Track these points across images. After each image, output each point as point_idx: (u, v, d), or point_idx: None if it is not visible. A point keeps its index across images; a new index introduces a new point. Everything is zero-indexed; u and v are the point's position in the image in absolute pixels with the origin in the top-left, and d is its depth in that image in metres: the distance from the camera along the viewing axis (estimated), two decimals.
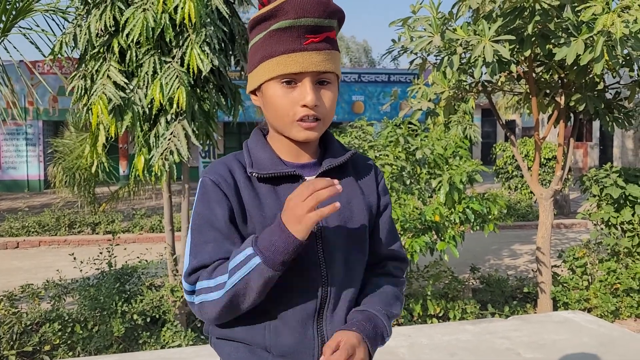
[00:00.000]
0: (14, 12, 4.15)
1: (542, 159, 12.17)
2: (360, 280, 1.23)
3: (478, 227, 4.31)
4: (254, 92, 1.20)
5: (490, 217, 4.31)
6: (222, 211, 1.13)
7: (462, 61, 4.23)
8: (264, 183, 1.16)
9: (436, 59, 4.65)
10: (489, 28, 3.66)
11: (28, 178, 16.21)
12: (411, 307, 4.63)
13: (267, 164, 1.17)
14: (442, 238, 4.19)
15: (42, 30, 4.40)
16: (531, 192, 12.09)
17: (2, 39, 4.22)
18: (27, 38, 4.37)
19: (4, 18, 4.08)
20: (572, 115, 5.01)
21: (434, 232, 4.25)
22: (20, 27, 4.35)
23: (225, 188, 1.14)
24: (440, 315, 4.79)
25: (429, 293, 4.72)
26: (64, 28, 4.63)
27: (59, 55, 4.18)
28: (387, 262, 1.31)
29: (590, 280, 5.42)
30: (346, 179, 1.23)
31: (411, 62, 4.66)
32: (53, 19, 4.57)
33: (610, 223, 5.38)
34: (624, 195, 5.22)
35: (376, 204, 1.28)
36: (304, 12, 1.07)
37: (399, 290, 1.29)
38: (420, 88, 4.68)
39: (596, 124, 18.81)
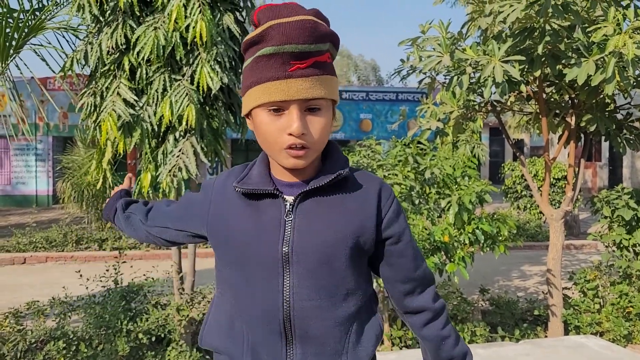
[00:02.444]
0: (26, 30, 4.19)
1: (552, 179, 12.09)
2: (345, 307, 1.16)
3: (488, 249, 4.25)
4: (247, 116, 1.18)
5: (500, 238, 4.26)
6: (188, 203, 1.35)
7: (472, 81, 4.22)
8: (246, 198, 1.18)
9: (445, 79, 4.65)
10: (499, 48, 3.65)
11: (37, 193, 16.29)
12: None
13: (254, 180, 1.17)
14: (452, 259, 4.13)
15: (54, 47, 4.44)
16: (540, 212, 11.99)
17: (14, 55, 4.26)
18: (38, 55, 4.41)
19: (16, 35, 4.12)
20: (582, 135, 4.97)
21: (443, 253, 4.19)
22: (31, 44, 4.39)
23: (201, 198, 1.29)
24: None
25: None
26: (74, 46, 4.67)
27: (70, 72, 4.20)
28: (422, 292, 1.26)
29: (602, 304, 5.32)
30: (336, 199, 1.16)
31: (420, 82, 4.66)
32: (64, 37, 4.61)
33: (622, 245, 5.31)
34: (636, 217, 5.16)
35: (373, 229, 1.18)
36: (288, 39, 1.04)
37: (450, 324, 1.29)
38: (429, 107, 4.66)
39: (605, 144, 18.74)
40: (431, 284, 1.29)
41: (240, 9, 4.49)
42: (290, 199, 1.15)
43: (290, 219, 1.14)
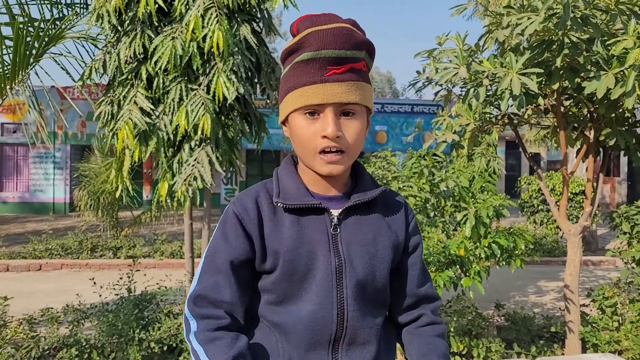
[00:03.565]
0: (46, 39, 4.25)
1: (569, 194, 11.93)
2: (381, 315, 1.22)
3: (504, 263, 4.18)
4: (284, 123, 1.21)
5: (516, 252, 4.19)
6: (233, 249, 1.14)
7: (488, 93, 4.19)
8: (289, 213, 1.16)
9: (461, 91, 4.61)
10: (517, 61, 3.62)
11: (54, 201, 16.48)
12: None
13: (294, 194, 1.16)
14: (467, 273, 4.08)
15: (73, 56, 4.50)
16: (557, 227, 11.83)
17: (34, 64, 4.32)
18: (58, 64, 4.46)
19: (36, 44, 4.18)
20: (601, 149, 4.89)
21: (458, 267, 4.14)
22: (51, 53, 4.45)
23: (247, 223, 1.14)
24: (464, 353, 4.64)
25: (452, 329, 4.58)
26: (93, 55, 4.73)
27: (88, 81, 4.25)
28: (422, 306, 1.29)
29: (620, 321, 5.21)
30: (374, 214, 1.22)
31: (436, 94, 4.63)
32: (83, 46, 4.67)
33: None
34: None
35: (404, 243, 1.26)
36: (325, 44, 1.08)
37: (445, 340, 1.27)
38: (445, 120, 4.63)
39: (624, 159, 18.50)
40: (438, 299, 1.32)
41: (257, 20, 4.52)
42: (335, 212, 1.18)
43: (337, 232, 1.17)
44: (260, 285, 1.18)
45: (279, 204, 1.15)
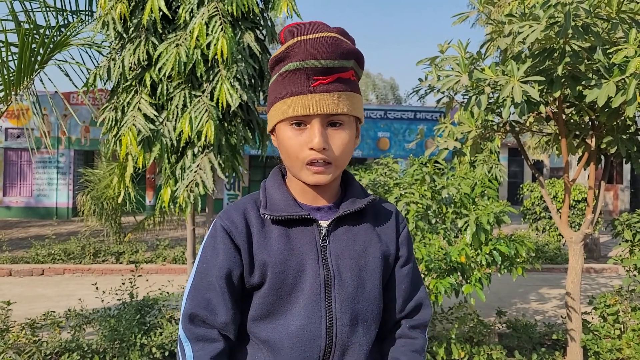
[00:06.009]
0: (51, 46, 4.29)
1: (572, 201, 11.93)
2: (372, 331, 1.18)
3: (505, 270, 4.19)
4: (272, 132, 1.19)
5: (518, 259, 4.19)
6: (225, 263, 1.12)
7: (490, 101, 4.20)
8: (276, 225, 1.14)
9: (463, 98, 4.63)
10: (518, 68, 3.64)
11: (57, 206, 16.52)
12: (435, 350, 4.50)
13: (281, 206, 1.14)
14: (468, 280, 4.08)
15: (77, 63, 4.53)
16: (559, 235, 11.81)
17: (38, 70, 4.36)
18: (62, 70, 4.50)
19: (41, 51, 4.22)
20: (602, 157, 4.90)
21: (459, 274, 4.14)
22: (56, 59, 4.49)
23: (235, 236, 1.12)
24: None
25: (453, 336, 4.58)
26: (97, 61, 4.76)
27: (92, 87, 4.28)
28: (405, 320, 1.25)
29: (622, 329, 5.20)
30: (364, 225, 1.19)
31: (438, 101, 4.65)
32: (87, 53, 4.72)
33: None
34: None
35: (394, 254, 1.22)
36: (311, 54, 1.06)
37: (422, 356, 1.22)
38: (447, 127, 4.65)
39: (627, 167, 18.49)
40: (428, 307, 1.27)
41: (261, 28, 4.55)
42: (324, 223, 1.15)
43: (326, 244, 1.14)
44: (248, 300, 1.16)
45: (266, 216, 1.13)
